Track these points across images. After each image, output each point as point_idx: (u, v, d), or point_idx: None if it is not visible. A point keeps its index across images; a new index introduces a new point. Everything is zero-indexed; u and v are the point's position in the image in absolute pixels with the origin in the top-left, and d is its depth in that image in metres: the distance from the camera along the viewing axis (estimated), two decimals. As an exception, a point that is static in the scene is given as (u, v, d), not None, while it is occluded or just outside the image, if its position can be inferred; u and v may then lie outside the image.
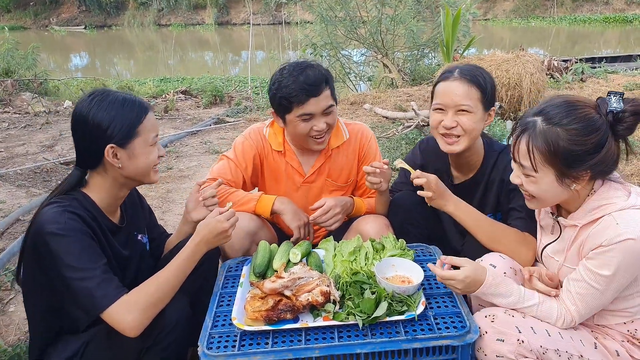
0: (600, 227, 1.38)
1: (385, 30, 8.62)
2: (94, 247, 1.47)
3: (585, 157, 1.36)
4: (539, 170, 1.40)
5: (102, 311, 1.40)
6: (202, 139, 5.55)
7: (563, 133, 1.36)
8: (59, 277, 1.42)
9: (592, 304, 1.43)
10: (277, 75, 1.98)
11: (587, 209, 1.44)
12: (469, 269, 1.48)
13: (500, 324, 1.45)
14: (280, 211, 2.02)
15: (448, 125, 1.78)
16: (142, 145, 1.55)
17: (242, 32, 22.32)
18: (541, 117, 1.41)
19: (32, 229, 1.47)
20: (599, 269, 1.37)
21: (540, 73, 4.92)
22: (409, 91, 7.16)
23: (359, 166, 2.21)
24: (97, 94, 1.54)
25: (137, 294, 1.44)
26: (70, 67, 16.75)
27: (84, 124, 1.50)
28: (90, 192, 1.57)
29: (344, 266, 1.73)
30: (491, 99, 1.80)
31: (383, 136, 4.84)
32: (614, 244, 1.33)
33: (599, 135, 1.35)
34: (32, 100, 7.54)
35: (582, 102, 1.41)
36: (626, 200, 1.38)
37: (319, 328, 1.49)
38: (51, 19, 27.35)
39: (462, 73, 1.78)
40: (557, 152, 1.36)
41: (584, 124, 1.36)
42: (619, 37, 17.03)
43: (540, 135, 1.38)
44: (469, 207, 1.77)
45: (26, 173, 4.46)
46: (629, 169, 3.64)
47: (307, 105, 1.91)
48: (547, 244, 1.61)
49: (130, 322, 1.40)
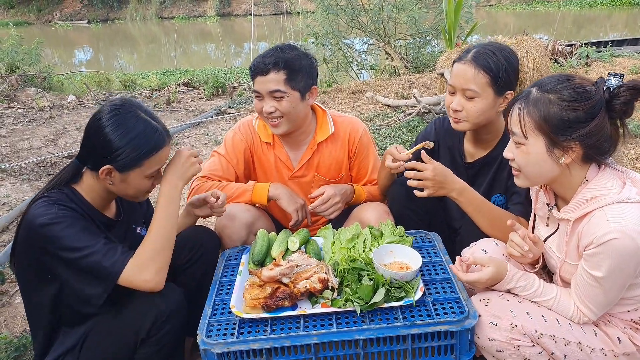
0: (591, 223, 1.34)
1: (387, 18, 8.55)
2: (89, 226, 1.47)
3: (575, 125, 1.32)
4: (529, 137, 1.37)
5: (117, 278, 1.43)
6: (204, 130, 5.55)
7: (555, 98, 1.34)
8: (62, 263, 1.43)
9: (601, 302, 1.40)
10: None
11: (580, 201, 1.39)
12: (492, 270, 1.45)
13: (494, 308, 1.44)
14: (275, 196, 2.00)
15: (454, 107, 1.79)
16: (138, 176, 1.52)
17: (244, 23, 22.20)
18: (536, 87, 1.39)
19: (23, 225, 1.47)
20: (592, 270, 1.34)
21: (544, 58, 4.86)
22: (412, 79, 7.11)
23: (350, 161, 2.19)
24: (123, 110, 1.49)
25: (141, 252, 1.48)
26: (75, 62, 16.78)
27: (96, 134, 1.48)
28: (81, 189, 1.56)
29: (342, 253, 1.73)
30: (505, 82, 1.75)
31: (384, 124, 4.82)
32: (601, 245, 1.29)
33: (591, 103, 1.32)
34: (37, 95, 7.56)
35: (580, 77, 1.38)
36: (619, 192, 1.33)
37: (317, 315, 1.50)
38: (54, 14, 27.35)
39: (474, 55, 1.75)
40: (547, 118, 1.34)
41: (577, 90, 1.33)
42: (626, 20, 16.75)
43: (532, 102, 1.36)
44: (474, 193, 1.75)
45: (31, 167, 4.49)
46: (633, 153, 3.60)
47: (255, 82, 1.95)
48: (547, 236, 1.57)
49: (149, 279, 1.45)
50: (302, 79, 1.94)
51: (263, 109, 1.95)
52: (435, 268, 1.70)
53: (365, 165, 2.20)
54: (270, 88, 1.91)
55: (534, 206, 1.63)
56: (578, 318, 1.44)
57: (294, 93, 1.94)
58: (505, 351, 1.43)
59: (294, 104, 1.95)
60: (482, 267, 1.47)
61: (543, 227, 1.60)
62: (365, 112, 5.53)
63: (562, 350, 1.42)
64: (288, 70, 1.91)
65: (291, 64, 1.91)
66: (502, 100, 1.78)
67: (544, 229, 1.59)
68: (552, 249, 1.55)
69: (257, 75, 1.93)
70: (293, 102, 1.94)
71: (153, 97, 7.59)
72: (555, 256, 1.53)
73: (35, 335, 1.62)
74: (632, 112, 1.35)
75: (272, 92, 1.91)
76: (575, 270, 1.44)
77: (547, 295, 1.46)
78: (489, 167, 1.93)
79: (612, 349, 1.45)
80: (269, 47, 2.02)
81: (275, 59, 1.90)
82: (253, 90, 1.97)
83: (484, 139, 1.91)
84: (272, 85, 1.91)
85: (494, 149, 1.91)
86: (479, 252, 1.63)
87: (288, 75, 1.91)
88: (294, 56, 1.93)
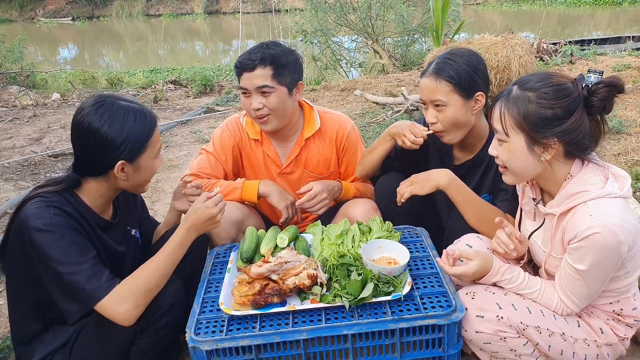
0: (575, 217, 1.37)
1: (375, 16, 8.56)
2: (81, 241, 1.45)
3: (553, 122, 1.35)
4: (510, 134, 1.40)
5: (95, 303, 1.40)
6: (192, 128, 5.51)
7: (534, 96, 1.36)
8: (48, 272, 1.41)
9: (584, 295, 1.42)
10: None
11: (564, 195, 1.42)
12: (478, 264, 1.47)
13: (480, 301, 1.46)
14: (265, 193, 2.00)
15: (429, 120, 1.85)
16: (148, 159, 1.55)
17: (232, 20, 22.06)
18: (517, 86, 1.41)
19: (16, 223, 1.45)
20: (575, 264, 1.37)
21: (529, 55, 4.91)
22: (400, 76, 7.13)
23: (339, 157, 2.20)
24: (105, 104, 1.48)
25: (129, 284, 1.44)
26: (59, 59, 16.51)
27: (94, 138, 1.46)
28: (81, 193, 1.54)
29: (331, 249, 1.73)
30: (469, 85, 1.77)
31: (373, 121, 4.84)
32: (584, 239, 1.32)
33: (568, 101, 1.34)
34: (20, 94, 7.43)
35: (560, 75, 1.40)
36: (602, 187, 1.36)
37: (306, 311, 1.50)
38: (37, 11, 26.86)
39: (435, 67, 1.81)
40: (526, 115, 1.36)
41: (555, 88, 1.36)
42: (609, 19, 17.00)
43: (512, 100, 1.39)
44: (462, 184, 1.77)
45: (14, 166, 4.42)
46: (616, 148, 3.65)
47: (242, 79, 1.94)
48: (533, 230, 1.60)
49: (123, 313, 1.40)
50: (288, 74, 1.94)
51: (251, 105, 1.95)
52: (423, 263, 1.71)
53: (354, 162, 2.21)
54: (258, 84, 1.91)
55: (521, 202, 1.66)
56: (562, 310, 1.47)
57: (282, 88, 1.93)
58: (492, 343, 1.45)
59: (282, 100, 1.95)
60: (469, 260, 1.49)
61: (529, 222, 1.62)
62: (354, 109, 5.54)
63: (547, 341, 1.45)
64: (275, 66, 1.91)
65: (277, 59, 1.91)
66: (473, 103, 1.81)
67: (530, 224, 1.61)
68: (537, 243, 1.57)
69: (243, 72, 1.92)
70: (281, 97, 1.94)
71: (140, 95, 7.51)
72: (540, 250, 1.56)
73: (17, 336, 1.59)
74: (611, 109, 1.37)
75: (260, 87, 1.91)
76: (559, 263, 1.46)
77: (532, 287, 1.48)
78: (476, 168, 1.95)
79: (594, 340, 1.48)
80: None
81: (262, 55, 1.90)
82: (239, 87, 1.97)
83: (469, 143, 1.94)
84: (259, 81, 1.90)
85: (481, 151, 1.93)
86: (464, 247, 1.65)
87: (275, 70, 1.91)
88: (280, 52, 1.93)
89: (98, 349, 1.50)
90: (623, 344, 1.53)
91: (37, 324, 1.57)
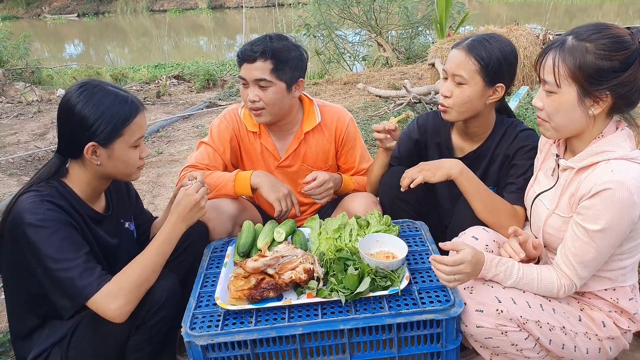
0: (595, 172, 1.34)
1: (379, 9, 8.51)
2: (74, 236, 1.44)
3: (609, 75, 1.31)
4: (562, 85, 1.36)
5: (87, 300, 1.40)
6: (194, 123, 5.52)
7: (591, 47, 1.32)
8: (41, 267, 1.41)
9: (589, 261, 1.38)
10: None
11: (589, 152, 1.39)
12: (471, 252, 1.41)
13: (479, 295, 1.44)
14: (257, 185, 1.96)
15: (443, 92, 1.80)
16: (122, 147, 1.51)
17: (236, 15, 22.02)
18: (572, 36, 1.37)
19: (10, 218, 1.44)
20: (587, 224, 1.34)
21: (534, 47, 4.85)
22: (404, 69, 7.09)
23: (337, 150, 2.17)
24: (89, 86, 1.48)
25: (119, 280, 1.43)
26: (65, 56, 16.57)
27: (69, 115, 1.46)
28: (69, 182, 1.54)
29: (328, 243, 1.71)
30: (496, 73, 1.73)
31: (375, 115, 4.80)
32: (598, 193, 1.30)
33: (627, 53, 1.31)
34: (25, 90, 7.47)
35: (617, 27, 1.37)
36: (630, 151, 1.34)
37: (303, 305, 1.49)
38: (43, 8, 26.97)
39: (469, 43, 1.75)
40: (582, 66, 1.32)
41: (614, 40, 1.32)
42: (617, 10, 16.75)
43: (567, 50, 1.35)
44: (473, 175, 1.74)
45: (18, 161, 4.44)
46: None
47: (242, 69, 1.92)
48: (541, 192, 1.57)
49: (115, 310, 1.39)
50: (289, 70, 1.92)
51: (248, 97, 1.93)
52: (422, 257, 1.69)
53: (353, 155, 2.19)
54: (256, 76, 1.89)
55: (541, 163, 1.63)
56: (563, 290, 1.43)
57: (280, 84, 1.91)
58: (494, 338, 1.43)
59: (279, 95, 1.93)
60: (458, 250, 1.43)
61: (545, 180, 1.59)
62: (356, 103, 5.51)
63: (547, 335, 1.42)
64: (275, 60, 1.88)
65: (279, 54, 1.89)
66: (491, 92, 1.77)
67: (546, 182, 1.58)
68: (543, 203, 1.55)
69: (244, 62, 1.91)
70: (278, 92, 1.92)
71: (143, 90, 7.52)
72: (544, 209, 1.53)
73: (15, 329, 1.59)
74: None
75: (258, 80, 1.89)
76: (560, 224, 1.44)
77: (529, 276, 1.45)
78: (480, 160, 1.91)
79: (595, 333, 1.45)
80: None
81: (264, 48, 1.87)
82: (239, 76, 1.95)
83: (473, 132, 1.90)
84: (258, 74, 1.88)
85: (485, 142, 1.90)
86: (470, 239, 1.62)
87: (275, 65, 1.88)
88: (283, 47, 1.91)
89: (94, 344, 1.50)
90: (626, 337, 1.50)
91: (33, 319, 1.56)
